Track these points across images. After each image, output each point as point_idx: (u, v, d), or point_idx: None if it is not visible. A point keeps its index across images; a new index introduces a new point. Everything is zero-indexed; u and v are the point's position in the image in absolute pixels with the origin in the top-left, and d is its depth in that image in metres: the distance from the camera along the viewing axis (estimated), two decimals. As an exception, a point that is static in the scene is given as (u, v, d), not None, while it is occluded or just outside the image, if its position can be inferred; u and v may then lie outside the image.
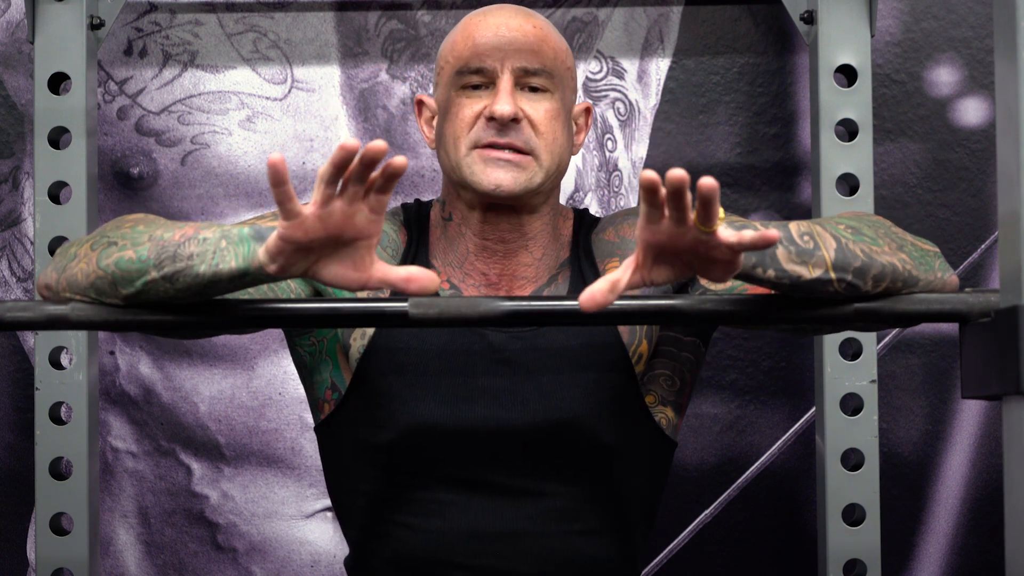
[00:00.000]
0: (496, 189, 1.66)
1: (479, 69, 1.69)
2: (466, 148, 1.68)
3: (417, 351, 1.68)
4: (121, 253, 1.45)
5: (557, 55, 1.72)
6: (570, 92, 1.74)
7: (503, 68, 1.68)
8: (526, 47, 1.70)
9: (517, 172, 1.67)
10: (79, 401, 2.17)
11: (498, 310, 1.44)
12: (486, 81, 1.69)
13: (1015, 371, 1.29)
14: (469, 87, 1.70)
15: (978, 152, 2.39)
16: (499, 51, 1.69)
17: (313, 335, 1.74)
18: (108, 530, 2.37)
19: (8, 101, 2.39)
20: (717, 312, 1.46)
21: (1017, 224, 1.30)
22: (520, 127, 1.67)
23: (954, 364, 2.38)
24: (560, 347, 1.68)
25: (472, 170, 1.68)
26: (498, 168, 1.67)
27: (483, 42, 1.70)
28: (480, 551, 1.69)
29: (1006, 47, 1.32)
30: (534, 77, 1.69)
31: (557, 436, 1.67)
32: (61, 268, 1.50)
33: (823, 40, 2.22)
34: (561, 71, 1.72)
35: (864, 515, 2.19)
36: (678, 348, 1.74)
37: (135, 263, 1.44)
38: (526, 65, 1.69)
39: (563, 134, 1.71)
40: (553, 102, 1.70)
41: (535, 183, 1.68)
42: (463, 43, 1.72)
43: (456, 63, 1.71)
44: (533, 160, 1.68)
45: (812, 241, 1.43)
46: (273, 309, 1.47)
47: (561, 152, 1.71)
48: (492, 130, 1.67)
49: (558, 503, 1.69)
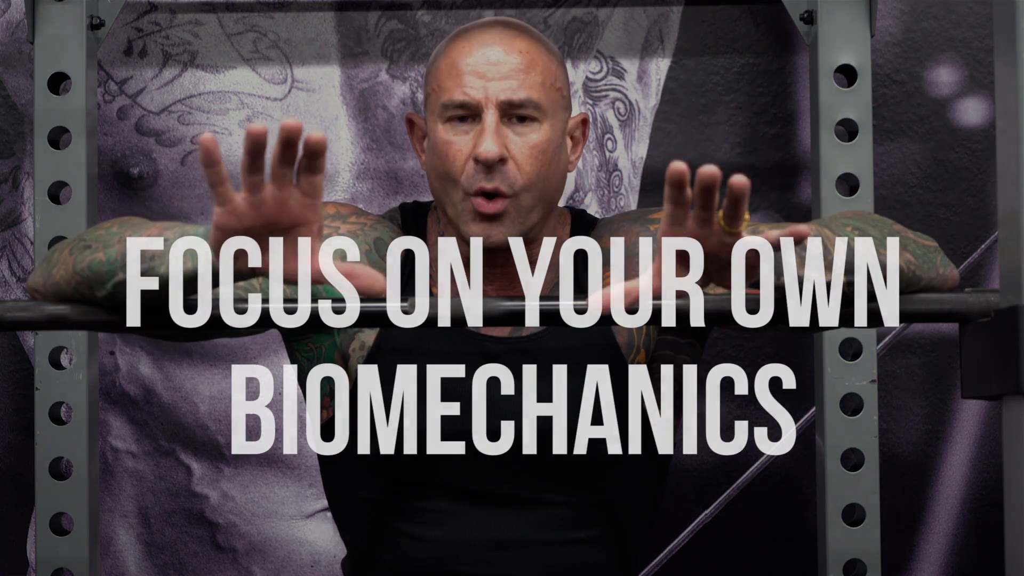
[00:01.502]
0: (485, 241, 1.65)
1: (463, 104, 1.66)
2: (459, 195, 1.66)
3: (418, 360, 1.67)
4: (93, 255, 1.45)
5: (545, 80, 1.68)
6: (563, 112, 1.71)
7: (487, 103, 1.65)
8: (511, 77, 1.67)
9: (501, 224, 1.66)
10: (79, 401, 2.17)
11: (497, 310, 1.44)
12: (471, 114, 1.67)
13: (1015, 371, 1.29)
14: (455, 119, 1.67)
15: (978, 152, 2.39)
16: (483, 84, 1.66)
17: (311, 341, 1.73)
18: (108, 530, 2.37)
19: (8, 101, 2.39)
20: (717, 312, 1.45)
21: (1017, 224, 1.30)
22: (505, 168, 1.65)
23: (954, 364, 2.38)
24: (558, 358, 1.67)
25: (463, 219, 1.66)
26: (485, 221, 1.66)
27: (467, 74, 1.67)
28: (480, 559, 1.69)
29: (1006, 47, 1.31)
30: (520, 108, 1.66)
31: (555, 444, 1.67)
32: (47, 274, 1.51)
33: (823, 40, 2.22)
34: (551, 95, 1.69)
35: (864, 515, 2.19)
36: (675, 351, 1.73)
37: (105, 265, 1.43)
38: (511, 98, 1.66)
39: (552, 165, 1.68)
40: (542, 133, 1.67)
41: (523, 226, 1.67)
42: (447, 73, 1.69)
43: (440, 94, 1.68)
44: (513, 204, 1.66)
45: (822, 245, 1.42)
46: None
47: (546, 184, 1.68)
48: (480, 174, 1.65)
49: (557, 511, 1.69)
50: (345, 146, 2.39)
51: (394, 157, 2.38)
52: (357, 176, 2.39)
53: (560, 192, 1.72)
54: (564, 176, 1.72)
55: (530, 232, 1.69)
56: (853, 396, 2.21)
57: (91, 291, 1.45)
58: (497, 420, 1.67)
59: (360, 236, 1.72)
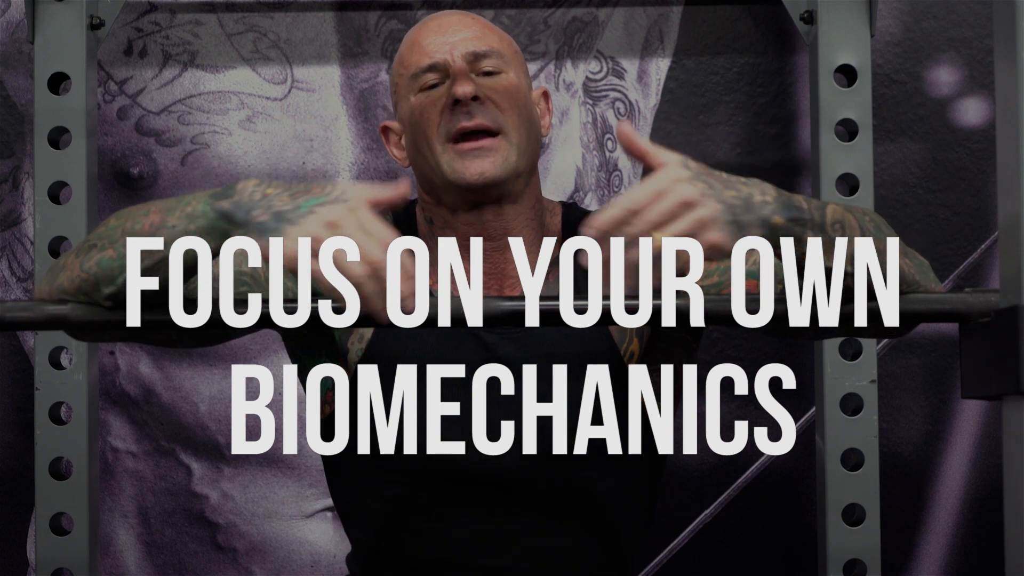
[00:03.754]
0: (480, 177, 1.66)
1: (431, 66, 1.70)
2: (440, 144, 1.68)
3: (415, 354, 1.68)
4: (101, 253, 1.45)
5: (502, 39, 1.74)
6: (524, 75, 1.75)
7: (453, 57, 1.69)
8: (471, 35, 1.71)
9: (494, 157, 1.67)
10: (79, 401, 2.17)
11: (497, 310, 1.44)
12: (441, 76, 1.70)
13: (1015, 371, 1.29)
14: (427, 87, 1.70)
15: (978, 152, 2.39)
16: (445, 44, 1.70)
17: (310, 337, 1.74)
18: (108, 530, 2.37)
19: (8, 101, 2.39)
20: (717, 312, 1.46)
21: (1017, 224, 1.30)
22: (484, 107, 1.67)
23: (954, 364, 2.38)
24: (552, 347, 1.69)
25: (452, 167, 1.67)
26: (475, 158, 1.67)
27: (428, 41, 1.72)
28: (481, 551, 1.70)
29: (1006, 47, 1.32)
30: (485, 60, 1.70)
31: (552, 436, 1.68)
32: (52, 279, 1.51)
33: (823, 40, 2.22)
34: (510, 54, 1.73)
35: (864, 515, 2.19)
36: (669, 345, 1.74)
37: (116, 260, 1.44)
38: (475, 49, 1.70)
39: (527, 110, 1.71)
40: (510, 81, 1.71)
41: (512, 162, 1.68)
42: (410, 52, 1.73)
43: (407, 70, 1.72)
44: (503, 139, 1.68)
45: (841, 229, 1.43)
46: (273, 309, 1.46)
47: (529, 127, 1.71)
48: (459, 116, 1.67)
49: (555, 500, 1.70)
50: (345, 146, 2.39)
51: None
52: (357, 176, 2.39)
53: (537, 153, 1.74)
54: (540, 136, 1.75)
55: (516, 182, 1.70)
56: (853, 396, 2.21)
57: (97, 289, 1.45)
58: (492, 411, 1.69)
59: None
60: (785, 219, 1.39)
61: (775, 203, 1.40)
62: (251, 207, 1.40)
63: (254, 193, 1.41)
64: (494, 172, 1.67)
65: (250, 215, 1.40)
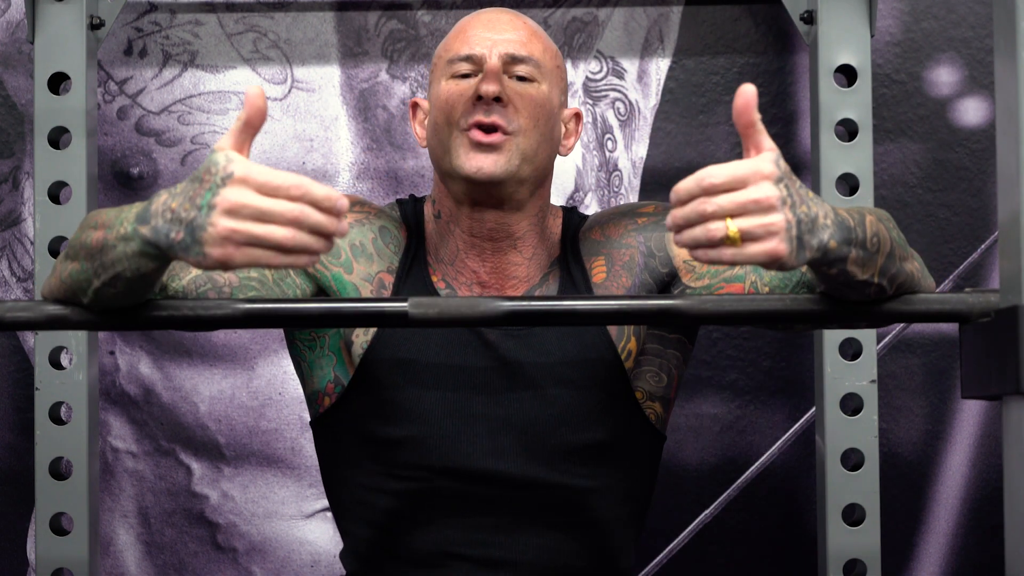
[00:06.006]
0: (477, 172, 1.67)
1: (468, 56, 1.71)
2: (455, 130, 1.69)
3: (419, 349, 1.70)
4: (72, 264, 1.44)
5: (547, 51, 1.74)
6: (559, 91, 1.75)
7: (491, 54, 1.71)
8: (515, 38, 1.72)
9: (497, 155, 1.68)
10: (79, 401, 2.17)
11: (498, 310, 1.44)
12: (475, 69, 1.71)
13: (1015, 371, 1.29)
14: (459, 75, 1.72)
15: (978, 152, 2.39)
16: (488, 39, 1.72)
17: (313, 330, 1.75)
18: (108, 530, 2.37)
19: (8, 101, 2.39)
20: (717, 312, 1.45)
21: (1017, 224, 1.30)
22: (505, 108, 1.68)
23: (954, 364, 2.38)
24: (553, 345, 1.70)
25: (457, 153, 1.69)
26: (480, 152, 1.68)
27: (473, 33, 1.73)
28: (479, 542, 1.71)
29: (1006, 47, 1.32)
30: (521, 65, 1.71)
31: (551, 432, 1.69)
32: (48, 282, 1.51)
33: (823, 40, 2.22)
34: (550, 66, 1.73)
35: (864, 515, 2.19)
36: (664, 345, 1.75)
37: (81, 274, 1.43)
38: (514, 52, 1.71)
39: (548, 124, 1.71)
40: (540, 91, 1.71)
41: (514, 165, 1.68)
42: (455, 38, 1.75)
43: (447, 54, 1.74)
44: (512, 141, 1.68)
45: (877, 243, 1.42)
46: (273, 309, 1.47)
47: (544, 141, 1.71)
48: (479, 110, 1.68)
49: (554, 495, 1.70)
50: (345, 146, 2.39)
51: (394, 157, 2.38)
52: (357, 176, 2.39)
53: (550, 167, 1.75)
54: (555, 152, 1.75)
55: (519, 189, 1.70)
56: (853, 396, 2.21)
57: (77, 297, 1.45)
58: (495, 407, 1.70)
59: (366, 224, 1.75)
60: (839, 242, 1.37)
61: (833, 225, 1.36)
62: (167, 230, 1.34)
63: (164, 213, 1.34)
64: (492, 170, 1.67)
65: (170, 238, 1.34)
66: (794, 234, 1.32)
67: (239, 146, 1.34)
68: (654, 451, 1.79)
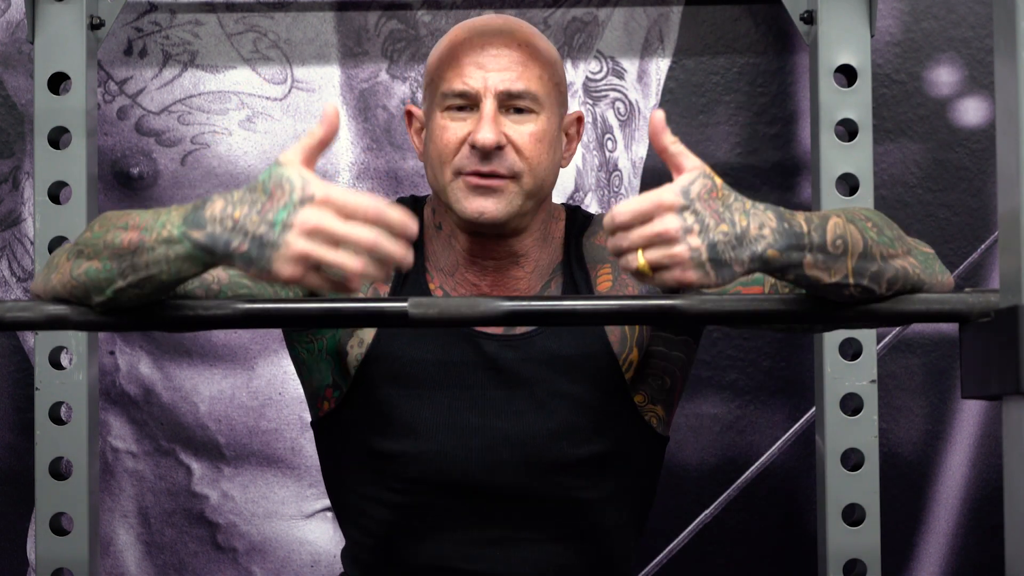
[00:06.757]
0: (480, 216, 1.66)
1: (462, 93, 1.67)
2: (451, 174, 1.67)
3: (415, 361, 1.68)
4: (89, 263, 1.42)
5: (543, 73, 1.69)
6: (559, 107, 1.72)
7: (486, 92, 1.66)
8: (510, 69, 1.67)
9: (499, 198, 1.66)
10: (79, 401, 2.17)
11: (498, 310, 1.44)
12: (469, 104, 1.67)
13: (1015, 371, 1.29)
14: (454, 108, 1.68)
15: (978, 152, 2.39)
16: (482, 74, 1.67)
17: (311, 332, 1.74)
18: (108, 530, 2.37)
19: (8, 101, 2.39)
20: (717, 312, 1.45)
21: (1017, 224, 1.30)
22: (503, 153, 1.66)
23: (954, 364, 2.38)
24: (552, 357, 1.69)
25: (456, 196, 1.67)
26: (480, 196, 1.66)
27: (467, 61, 1.68)
28: (476, 556, 1.70)
29: (1006, 47, 1.32)
30: (518, 100, 1.67)
31: (550, 445, 1.68)
32: (47, 279, 1.50)
33: (823, 40, 2.22)
34: (548, 90, 1.69)
35: (864, 515, 2.19)
36: (669, 348, 1.74)
37: (102, 273, 1.41)
38: (509, 88, 1.67)
39: (548, 155, 1.69)
40: (539, 124, 1.68)
41: (516, 206, 1.67)
42: (447, 63, 1.69)
43: (440, 83, 1.69)
44: (514, 183, 1.66)
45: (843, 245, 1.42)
46: (272, 309, 1.47)
47: (546, 173, 1.69)
48: (475, 158, 1.65)
49: (552, 507, 1.70)
50: (345, 146, 2.39)
51: (394, 157, 2.38)
52: (357, 176, 2.39)
53: (552, 186, 1.73)
54: (557, 171, 1.73)
55: (522, 220, 1.69)
56: (853, 396, 2.21)
57: (87, 296, 1.43)
58: (493, 419, 1.69)
59: None
60: (781, 249, 1.38)
61: (772, 234, 1.38)
62: (227, 239, 1.34)
63: (224, 221, 1.34)
64: (495, 214, 1.66)
65: (230, 248, 1.34)
66: (704, 258, 1.36)
67: (308, 162, 1.37)
68: (656, 455, 1.78)
